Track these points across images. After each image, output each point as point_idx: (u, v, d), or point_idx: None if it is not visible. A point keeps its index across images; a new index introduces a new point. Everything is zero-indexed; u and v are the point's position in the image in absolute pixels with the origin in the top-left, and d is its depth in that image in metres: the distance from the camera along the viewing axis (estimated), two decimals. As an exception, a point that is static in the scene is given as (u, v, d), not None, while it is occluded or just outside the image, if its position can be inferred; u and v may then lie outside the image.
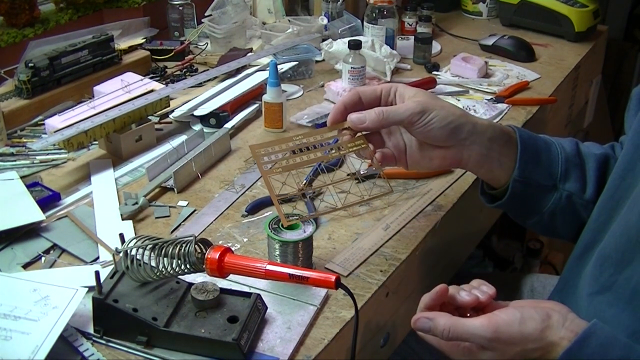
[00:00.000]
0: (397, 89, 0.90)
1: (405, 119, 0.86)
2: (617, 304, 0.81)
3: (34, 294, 0.81)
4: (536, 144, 0.95)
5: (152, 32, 1.65)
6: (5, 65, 1.36)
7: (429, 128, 0.86)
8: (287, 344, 0.80)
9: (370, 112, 0.87)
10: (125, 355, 0.79)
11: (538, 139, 0.96)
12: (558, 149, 0.96)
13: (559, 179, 0.95)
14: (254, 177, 1.16)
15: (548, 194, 0.95)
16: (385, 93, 0.90)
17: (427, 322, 0.79)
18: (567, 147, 0.97)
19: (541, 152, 0.94)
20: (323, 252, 0.97)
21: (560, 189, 0.94)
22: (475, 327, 0.76)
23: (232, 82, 1.42)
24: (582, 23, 1.77)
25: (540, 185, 0.94)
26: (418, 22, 1.73)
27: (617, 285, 0.81)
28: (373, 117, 0.86)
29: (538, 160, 0.94)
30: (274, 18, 1.74)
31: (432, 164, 0.92)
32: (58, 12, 1.56)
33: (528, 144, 0.93)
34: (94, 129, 1.16)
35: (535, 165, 0.93)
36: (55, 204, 1.07)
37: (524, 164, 0.92)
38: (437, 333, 0.78)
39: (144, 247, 0.81)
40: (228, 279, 0.84)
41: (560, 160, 0.95)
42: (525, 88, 1.52)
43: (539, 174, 0.94)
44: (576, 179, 0.95)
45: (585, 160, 0.97)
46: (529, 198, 0.95)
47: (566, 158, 0.95)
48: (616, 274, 0.81)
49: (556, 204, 0.95)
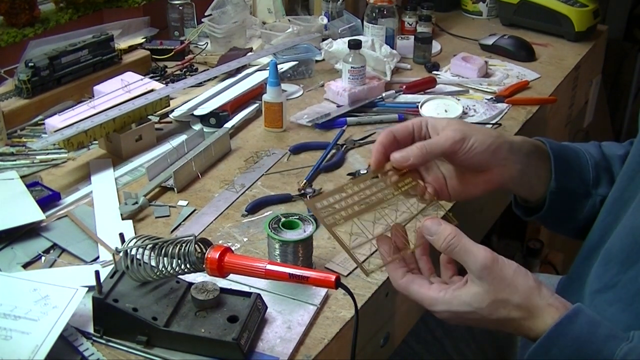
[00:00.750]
0: (427, 122, 0.89)
1: (447, 149, 0.85)
2: (617, 303, 0.81)
3: (34, 293, 0.81)
4: (566, 154, 0.95)
5: (152, 32, 1.65)
6: (5, 65, 1.36)
7: (472, 154, 0.86)
8: (287, 344, 0.80)
9: (413, 148, 0.85)
10: (125, 355, 0.79)
11: (567, 148, 0.97)
12: (586, 155, 0.97)
13: (592, 185, 0.96)
14: (254, 176, 1.16)
15: (583, 201, 0.96)
16: (417, 128, 0.88)
17: (436, 224, 0.78)
18: (593, 152, 0.98)
19: (572, 161, 0.95)
20: (323, 252, 0.97)
21: (594, 195, 0.95)
22: (477, 250, 0.76)
23: (232, 81, 1.42)
24: (582, 23, 1.77)
25: (575, 193, 0.95)
26: (418, 21, 1.73)
27: (620, 285, 0.81)
28: (416, 153, 0.84)
29: (570, 169, 0.94)
30: (274, 18, 1.74)
31: (477, 190, 0.91)
32: (58, 11, 1.56)
33: (559, 154, 0.94)
34: (94, 128, 1.16)
35: (569, 174, 0.94)
36: (55, 204, 1.07)
37: (559, 175, 0.93)
38: (441, 237, 0.77)
39: (144, 247, 0.80)
40: (228, 278, 0.84)
41: (590, 167, 0.96)
42: (525, 88, 1.52)
43: (573, 183, 0.94)
44: (607, 183, 0.96)
45: (612, 163, 0.98)
46: (565, 207, 0.95)
47: (595, 164, 0.96)
48: (620, 273, 0.81)
49: (590, 209, 0.96)
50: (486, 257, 0.75)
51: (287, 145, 1.26)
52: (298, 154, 1.24)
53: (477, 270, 0.75)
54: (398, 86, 1.48)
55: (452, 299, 0.76)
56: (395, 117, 1.36)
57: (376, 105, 1.41)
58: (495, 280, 0.75)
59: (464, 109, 1.37)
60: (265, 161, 1.21)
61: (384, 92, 1.44)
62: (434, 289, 0.77)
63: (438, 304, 0.77)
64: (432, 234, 0.78)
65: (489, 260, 0.75)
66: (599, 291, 0.84)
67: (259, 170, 1.18)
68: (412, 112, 1.37)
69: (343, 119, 1.35)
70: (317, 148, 1.25)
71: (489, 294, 0.75)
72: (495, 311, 0.75)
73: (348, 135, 1.31)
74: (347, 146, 1.26)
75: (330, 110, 1.37)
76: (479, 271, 0.75)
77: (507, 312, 0.75)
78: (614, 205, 0.89)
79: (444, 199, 0.91)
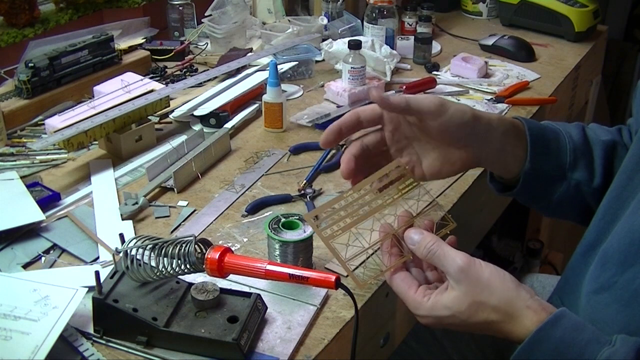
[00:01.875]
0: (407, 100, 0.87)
1: (425, 107, 0.84)
2: (614, 305, 0.80)
3: (34, 294, 0.81)
4: (544, 135, 0.94)
5: (152, 32, 1.65)
6: (5, 65, 1.36)
7: (450, 125, 0.85)
8: (287, 344, 0.80)
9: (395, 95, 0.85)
10: (125, 355, 0.79)
11: (546, 129, 0.95)
12: (566, 138, 0.96)
13: (568, 168, 0.95)
14: (254, 177, 1.16)
15: (557, 183, 0.95)
16: None
17: (418, 234, 0.80)
18: (574, 135, 0.97)
19: (550, 143, 0.94)
20: (323, 252, 0.97)
21: (569, 178, 0.94)
22: (455, 254, 0.77)
23: (232, 82, 1.42)
24: (582, 23, 1.77)
25: (549, 176, 0.94)
26: (418, 22, 1.73)
27: (616, 286, 0.81)
28: (397, 99, 0.83)
29: (547, 151, 0.93)
30: (274, 18, 1.74)
31: (452, 168, 0.90)
32: (58, 12, 1.56)
33: (537, 135, 0.93)
34: (94, 129, 1.16)
35: (545, 156, 0.93)
36: (55, 204, 1.07)
37: (535, 156, 0.92)
38: (422, 245, 0.78)
39: (144, 247, 0.81)
40: (228, 279, 0.84)
41: (568, 150, 0.95)
42: (525, 88, 1.52)
43: (549, 165, 0.94)
44: (584, 168, 0.95)
45: (593, 148, 0.97)
46: (538, 187, 0.95)
47: (574, 147, 0.95)
48: (617, 274, 0.81)
49: (564, 192, 0.95)
50: (463, 260, 0.76)
51: (287, 145, 1.26)
52: (298, 154, 1.24)
53: (454, 273, 0.76)
54: (398, 86, 1.48)
55: (434, 304, 0.77)
56: (395, 118, 1.36)
57: (376, 106, 1.41)
58: (471, 282, 0.75)
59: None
60: (265, 161, 1.21)
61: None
62: (419, 294, 0.79)
63: (421, 309, 0.78)
64: (414, 243, 0.80)
65: (464, 263, 0.76)
66: (596, 292, 0.84)
67: (259, 170, 1.18)
68: (412, 113, 1.37)
69: (343, 119, 1.35)
70: (317, 148, 1.25)
71: (466, 296, 0.75)
72: (475, 314, 0.76)
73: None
74: (347, 146, 1.25)
75: (330, 111, 1.37)
76: (457, 274, 0.76)
77: (486, 315, 0.75)
78: (612, 205, 0.88)
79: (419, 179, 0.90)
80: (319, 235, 0.80)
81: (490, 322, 0.75)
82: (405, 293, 0.79)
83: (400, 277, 0.81)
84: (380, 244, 0.83)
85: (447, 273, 0.77)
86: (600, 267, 0.84)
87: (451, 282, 0.77)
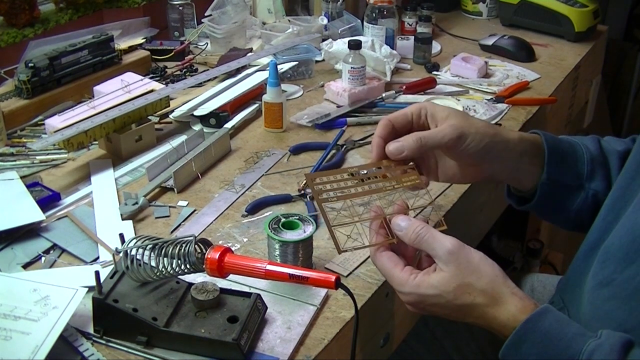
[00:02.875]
0: (427, 110, 0.89)
1: (443, 145, 0.87)
2: (614, 300, 0.81)
3: (34, 294, 0.81)
4: (561, 146, 0.96)
5: (152, 32, 1.65)
6: (5, 65, 1.36)
7: (466, 153, 0.87)
8: (287, 344, 0.80)
9: (408, 139, 0.86)
10: (125, 355, 0.79)
11: (563, 141, 0.97)
12: (583, 149, 0.97)
13: (585, 178, 0.96)
14: (254, 177, 1.16)
15: (575, 194, 0.97)
16: (416, 116, 0.89)
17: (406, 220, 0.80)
18: (590, 146, 0.98)
19: (567, 154, 0.96)
20: (323, 252, 0.97)
21: (587, 188, 0.96)
22: (444, 237, 0.77)
23: (232, 82, 1.42)
24: (582, 23, 1.77)
25: (567, 185, 0.96)
26: (418, 22, 1.73)
27: (617, 282, 0.81)
28: (412, 145, 0.86)
29: (564, 161, 0.95)
30: (274, 18, 1.74)
31: (465, 179, 0.94)
32: (58, 12, 1.56)
33: (554, 147, 0.95)
34: (94, 129, 1.16)
35: (562, 167, 0.95)
36: (55, 204, 1.07)
37: (552, 167, 0.94)
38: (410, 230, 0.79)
39: (144, 247, 0.81)
40: (228, 279, 0.84)
41: (585, 160, 0.96)
42: (525, 88, 1.52)
43: (566, 175, 0.95)
44: (601, 178, 0.96)
45: (609, 158, 0.98)
46: (556, 198, 0.96)
47: (591, 157, 0.97)
48: (618, 271, 0.81)
49: (582, 202, 0.96)
50: (453, 244, 0.77)
51: (287, 145, 1.26)
52: (298, 154, 1.24)
53: (444, 255, 0.77)
54: (398, 86, 1.48)
55: (420, 282, 0.78)
56: (395, 118, 1.36)
57: (376, 106, 1.41)
58: (461, 264, 0.76)
59: (464, 109, 1.37)
60: (265, 161, 1.21)
61: (384, 93, 1.44)
62: (406, 271, 0.79)
63: (406, 285, 0.78)
64: (402, 229, 0.80)
65: (455, 247, 0.77)
66: (596, 288, 0.84)
67: (259, 170, 1.18)
68: (412, 113, 1.37)
69: (343, 119, 1.35)
70: (317, 148, 1.25)
71: (455, 277, 0.76)
72: (461, 296, 0.76)
73: (348, 135, 1.31)
74: (347, 146, 1.26)
75: (330, 111, 1.37)
76: (446, 256, 0.77)
77: (472, 298, 0.76)
78: (615, 204, 0.89)
79: (432, 179, 0.94)
80: (314, 195, 0.81)
81: (476, 305, 0.76)
82: (391, 270, 0.80)
83: (386, 255, 0.81)
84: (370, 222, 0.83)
85: (435, 256, 0.78)
86: (602, 263, 0.85)
87: (440, 264, 0.77)
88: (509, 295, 0.76)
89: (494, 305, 0.76)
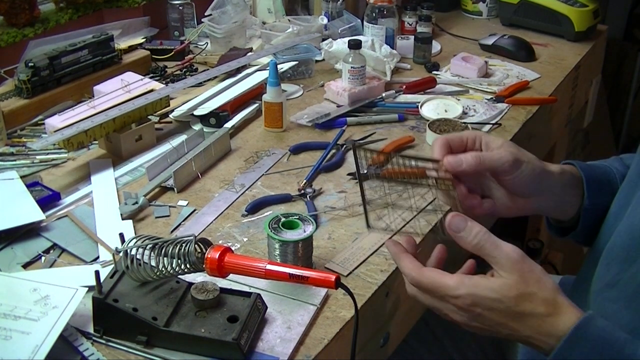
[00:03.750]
0: (482, 138, 0.91)
1: (500, 166, 0.87)
2: (619, 301, 0.81)
3: (34, 293, 0.81)
4: (595, 173, 0.97)
5: (152, 32, 1.65)
6: (5, 65, 1.36)
7: (519, 180, 0.88)
8: (287, 344, 0.80)
9: (467, 155, 0.87)
10: (125, 355, 0.79)
11: (595, 167, 0.99)
12: (613, 170, 0.99)
13: None
14: (254, 176, 1.16)
15: None
16: (470, 141, 0.91)
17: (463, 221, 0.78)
18: (617, 166, 1.00)
19: (602, 178, 0.97)
20: (323, 252, 0.97)
21: None
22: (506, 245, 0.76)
23: (232, 81, 1.42)
24: (582, 23, 1.77)
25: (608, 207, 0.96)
26: (418, 21, 1.73)
27: (621, 283, 0.82)
28: (470, 161, 0.86)
29: (601, 186, 0.96)
30: (274, 18, 1.74)
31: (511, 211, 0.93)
32: (58, 11, 1.56)
33: (590, 174, 0.96)
34: (94, 128, 1.16)
35: (601, 191, 0.96)
36: (55, 204, 1.07)
37: (592, 193, 0.94)
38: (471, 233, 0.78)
39: (144, 247, 0.81)
40: (228, 278, 0.84)
41: (618, 180, 0.97)
42: (525, 88, 1.52)
43: (606, 198, 0.96)
44: None
45: None
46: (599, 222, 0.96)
47: (622, 176, 0.97)
48: (622, 272, 0.82)
49: None
50: (517, 252, 0.76)
51: (287, 145, 1.26)
52: (298, 154, 1.24)
53: (507, 263, 0.75)
54: (398, 86, 1.48)
55: (478, 284, 0.75)
56: (395, 117, 1.36)
57: (376, 105, 1.41)
58: (525, 273, 0.75)
59: (464, 109, 1.37)
60: (265, 161, 1.21)
61: (384, 92, 1.44)
62: (455, 277, 0.77)
63: (462, 287, 0.75)
64: (460, 231, 0.78)
65: (519, 256, 0.76)
66: (602, 290, 0.85)
67: (259, 170, 1.18)
68: (412, 112, 1.38)
69: (343, 119, 1.35)
70: (317, 148, 1.25)
71: (518, 284, 0.75)
72: (522, 303, 0.75)
73: (348, 135, 1.31)
74: (347, 146, 1.26)
75: (330, 110, 1.37)
76: (510, 264, 0.75)
77: (533, 306, 0.75)
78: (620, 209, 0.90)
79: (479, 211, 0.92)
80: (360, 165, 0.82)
81: (536, 314, 0.75)
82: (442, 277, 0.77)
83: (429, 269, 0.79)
84: None
85: (496, 263, 0.76)
86: (606, 265, 0.85)
87: (500, 272, 0.76)
88: (568, 305, 0.75)
89: (555, 315, 0.74)
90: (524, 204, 0.91)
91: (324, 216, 1.05)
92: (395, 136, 1.29)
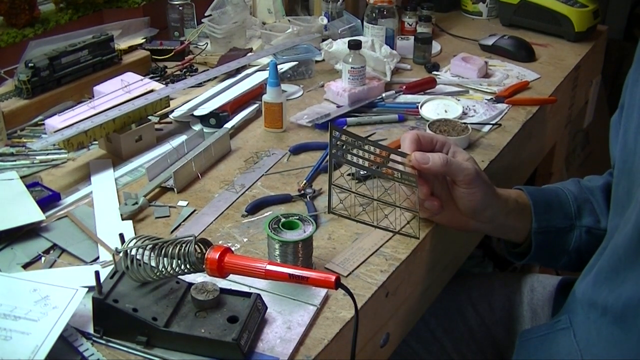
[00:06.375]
0: (450, 146, 0.96)
1: (463, 177, 0.92)
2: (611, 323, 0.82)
3: (34, 294, 0.81)
4: (544, 195, 1.02)
5: (152, 32, 1.65)
6: (5, 65, 1.36)
7: (472, 197, 0.93)
8: (287, 344, 0.80)
9: (435, 156, 0.91)
10: (125, 355, 0.79)
11: (544, 190, 1.04)
12: (565, 192, 1.03)
13: (574, 217, 1.01)
14: (254, 177, 1.16)
15: (568, 234, 1.01)
16: (439, 145, 0.96)
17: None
18: (571, 187, 1.04)
19: (552, 200, 1.01)
20: (323, 252, 0.97)
21: (578, 226, 1.01)
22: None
23: (232, 82, 1.42)
24: (582, 23, 1.77)
25: (559, 229, 1.00)
26: (418, 22, 1.73)
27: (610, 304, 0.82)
28: (437, 162, 0.90)
29: (550, 208, 1.01)
30: (274, 18, 1.74)
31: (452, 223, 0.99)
32: (58, 12, 1.56)
33: (538, 197, 1.01)
34: (94, 129, 1.16)
35: (550, 213, 1.00)
36: (55, 204, 1.07)
37: (539, 216, 0.99)
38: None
39: (144, 247, 0.81)
40: (228, 279, 0.84)
41: (570, 201, 1.02)
42: (525, 88, 1.52)
43: (556, 220, 1.00)
44: (589, 213, 1.01)
45: (592, 194, 1.03)
46: (553, 244, 1.00)
47: (575, 197, 1.02)
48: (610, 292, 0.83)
49: (578, 240, 1.01)
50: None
51: (287, 145, 1.26)
52: (298, 154, 1.24)
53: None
54: (398, 86, 1.48)
55: None
56: (395, 118, 1.36)
57: (376, 106, 1.41)
58: None
59: (464, 109, 1.37)
60: (265, 161, 1.21)
61: (383, 93, 1.44)
62: None
63: None
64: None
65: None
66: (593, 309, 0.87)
67: (259, 170, 1.18)
68: (412, 113, 1.38)
69: (343, 119, 1.35)
70: (317, 148, 1.25)
71: None
72: None
73: (348, 135, 1.31)
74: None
75: (330, 111, 1.37)
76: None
77: None
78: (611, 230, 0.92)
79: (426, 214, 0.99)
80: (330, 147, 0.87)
81: None
82: None
83: None
84: None
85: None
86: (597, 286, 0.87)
87: None
88: None
89: None
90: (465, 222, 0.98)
91: (324, 216, 1.05)
92: (395, 136, 1.29)
